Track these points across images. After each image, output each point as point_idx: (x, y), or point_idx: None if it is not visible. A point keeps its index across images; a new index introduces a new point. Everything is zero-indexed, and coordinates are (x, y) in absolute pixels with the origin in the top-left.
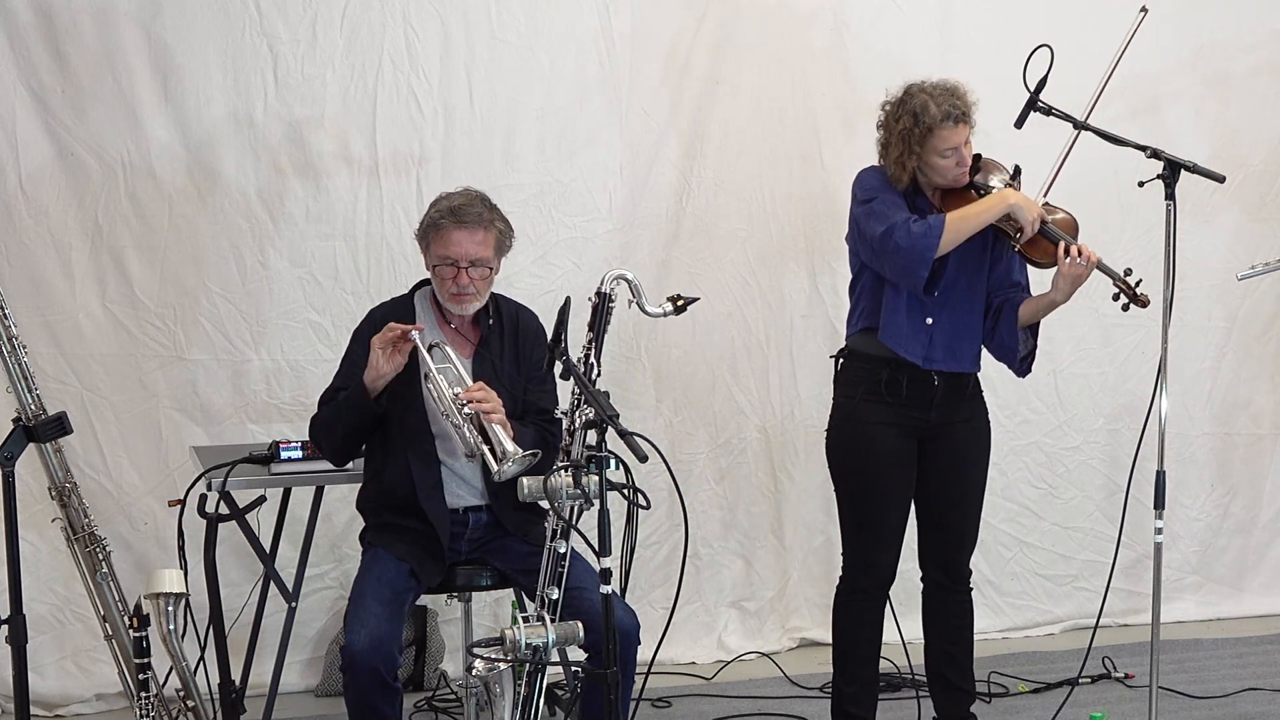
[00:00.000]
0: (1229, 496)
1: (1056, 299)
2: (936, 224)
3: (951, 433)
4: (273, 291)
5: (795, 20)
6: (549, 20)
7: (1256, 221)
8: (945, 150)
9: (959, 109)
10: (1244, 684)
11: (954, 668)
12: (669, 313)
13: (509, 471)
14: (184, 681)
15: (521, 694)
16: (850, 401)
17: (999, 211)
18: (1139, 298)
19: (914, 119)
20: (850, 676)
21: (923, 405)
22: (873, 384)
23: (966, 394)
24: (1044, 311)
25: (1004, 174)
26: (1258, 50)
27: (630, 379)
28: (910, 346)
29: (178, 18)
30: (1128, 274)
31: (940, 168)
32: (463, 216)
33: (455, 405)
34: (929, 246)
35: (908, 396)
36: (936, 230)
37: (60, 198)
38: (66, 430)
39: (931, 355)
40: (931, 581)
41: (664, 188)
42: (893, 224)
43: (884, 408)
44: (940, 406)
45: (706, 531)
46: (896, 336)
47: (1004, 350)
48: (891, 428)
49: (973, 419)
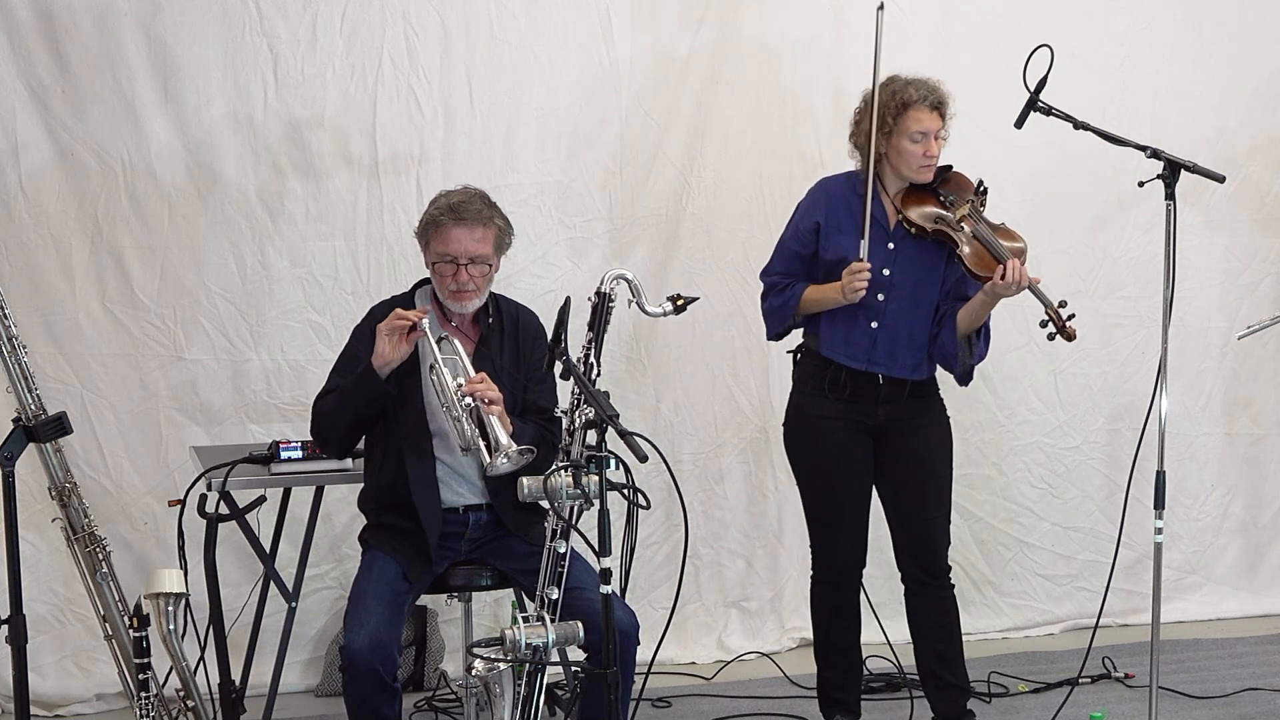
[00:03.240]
0: (1229, 496)
1: (978, 305)
2: (792, 302)
3: (904, 429)
4: (273, 291)
5: (795, 20)
6: (549, 20)
7: (1256, 222)
8: (915, 133)
9: (936, 96)
10: (1244, 684)
11: (945, 665)
12: (669, 313)
13: (502, 466)
14: (184, 681)
15: (521, 694)
16: (800, 396)
17: (834, 302)
18: (1066, 330)
19: (891, 95)
20: (830, 663)
21: (868, 403)
22: (819, 380)
23: (914, 395)
24: (973, 319)
25: (969, 190)
26: (1258, 50)
27: (630, 379)
28: (852, 352)
29: (178, 17)
30: (1062, 305)
31: (908, 154)
32: (462, 213)
33: (456, 397)
34: (780, 320)
35: (852, 394)
36: (790, 308)
37: (60, 198)
38: (66, 430)
39: (874, 358)
40: (911, 580)
41: (664, 188)
42: (771, 282)
43: (830, 403)
44: (886, 404)
45: (706, 531)
46: (834, 346)
47: (945, 357)
48: (838, 421)
49: (924, 417)
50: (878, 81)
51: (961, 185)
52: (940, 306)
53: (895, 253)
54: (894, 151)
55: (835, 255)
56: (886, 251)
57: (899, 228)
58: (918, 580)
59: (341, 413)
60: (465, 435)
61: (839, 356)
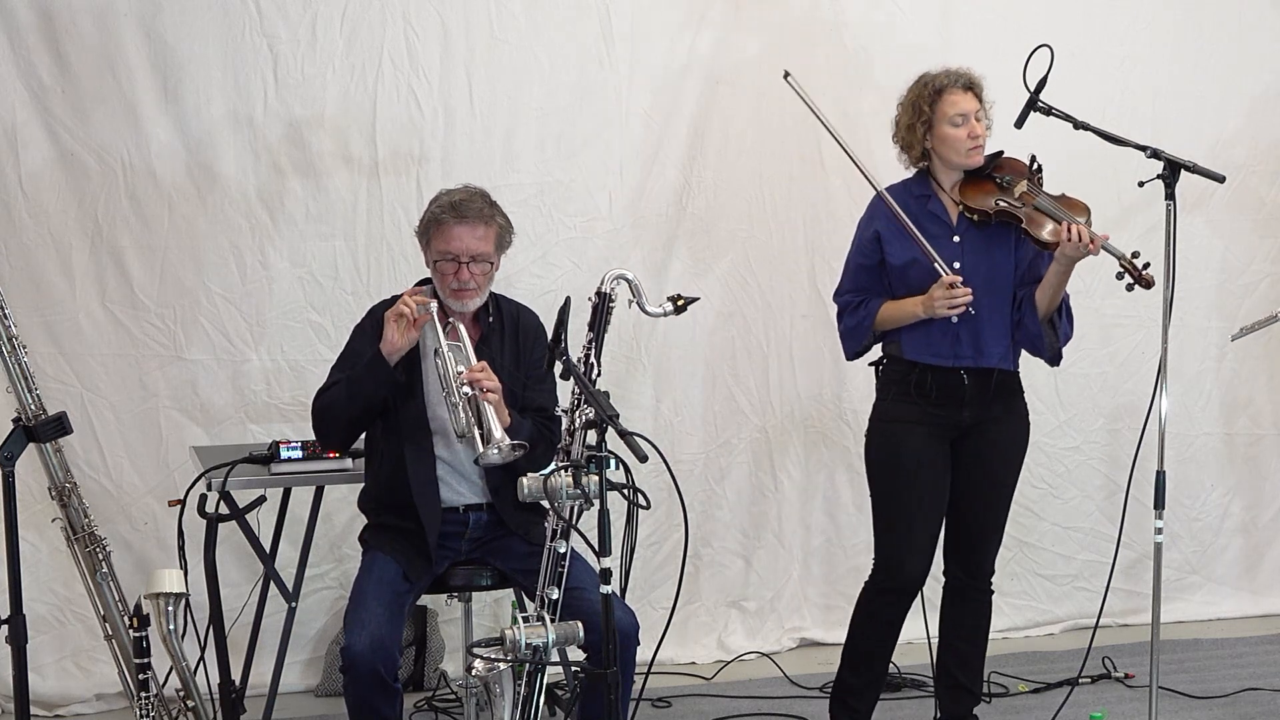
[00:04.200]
0: (1229, 496)
1: (1052, 275)
2: (866, 321)
3: (985, 431)
4: (273, 291)
5: (795, 20)
6: (549, 20)
7: (1257, 222)
8: (955, 116)
9: (968, 78)
10: (1244, 684)
11: (965, 669)
12: (669, 313)
13: (493, 457)
14: (184, 681)
15: (521, 694)
16: (883, 402)
17: (913, 316)
18: (1143, 278)
19: (923, 86)
20: (857, 670)
21: (953, 405)
22: (904, 385)
23: (1000, 390)
24: (1051, 292)
25: (1023, 169)
26: (1259, 50)
27: (630, 379)
28: (937, 350)
29: (178, 17)
30: (1135, 256)
31: (951, 139)
32: (464, 212)
33: (456, 384)
34: (857, 339)
35: (937, 397)
36: (866, 327)
37: (60, 198)
38: (66, 430)
39: (960, 353)
40: (953, 578)
41: (664, 188)
42: (844, 302)
43: (913, 407)
44: (972, 404)
45: (706, 531)
46: (917, 348)
47: (1030, 340)
48: (921, 427)
49: (1007, 416)
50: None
51: (1015, 167)
52: (1018, 292)
53: (962, 245)
54: (939, 142)
55: (902, 259)
56: (953, 245)
57: (962, 219)
58: (959, 581)
59: (347, 403)
60: (461, 423)
61: (924, 357)
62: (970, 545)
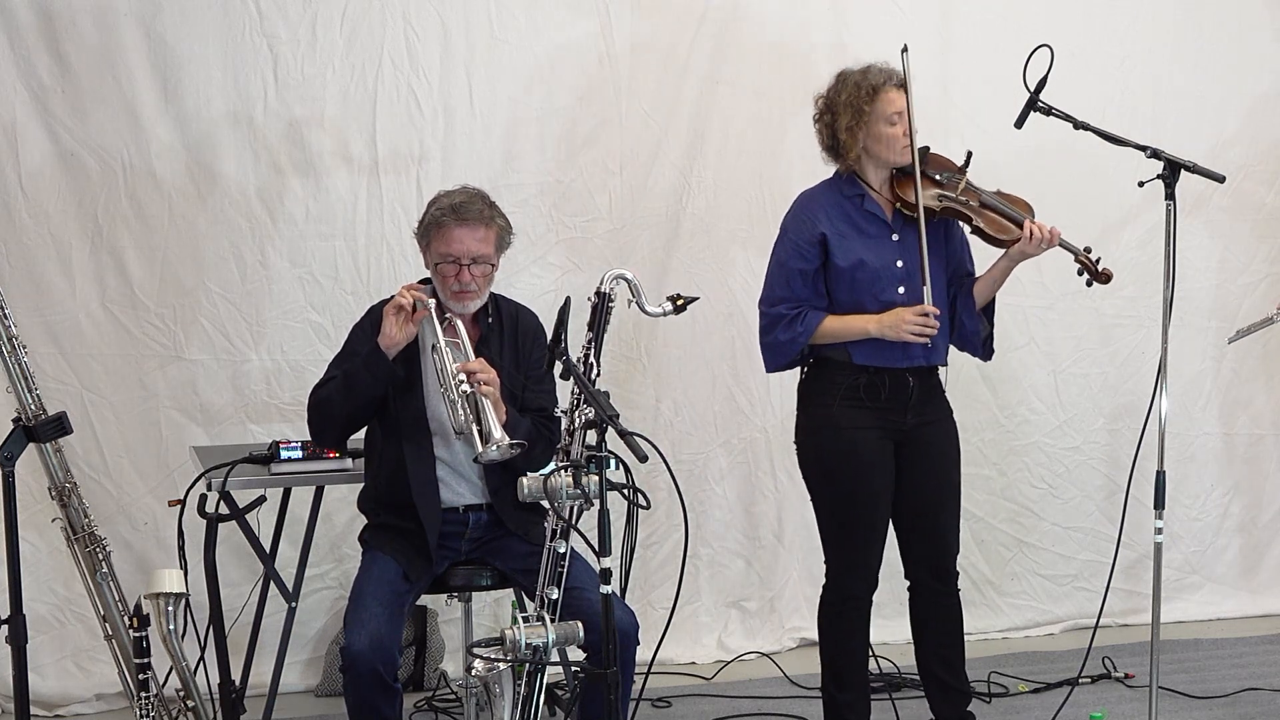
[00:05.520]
0: (1229, 496)
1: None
2: (803, 337)
3: (925, 434)
4: (273, 291)
5: (795, 20)
6: (549, 20)
7: (1256, 222)
8: (892, 115)
9: (899, 76)
10: (1244, 684)
11: (948, 668)
12: (669, 313)
13: (491, 455)
14: (184, 681)
15: (521, 694)
16: (826, 410)
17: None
18: (1100, 273)
19: (857, 86)
20: (844, 684)
21: (900, 408)
22: (851, 389)
23: (936, 392)
24: (995, 287)
25: (956, 165)
26: (1259, 50)
27: (630, 379)
28: (889, 354)
29: (178, 17)
30: (1088, 251)
31: (888, 137)
32: (464, 214)
33: (454, 380)
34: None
35: (887, 400)
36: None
37: (60, 198)
38: (66, 430)
39: (911, 353)
40: (920, 584)
41: (664, 188)
42: (776, 314)
43: (864, 412)
44: (916, 407)
45: (706, 531)
46: (868, 353)
47: (966, 336)
48: (873, 430)
49: (943, 419)
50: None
51: (944, 164)
52: (950, 288)
53: (901, 243)
54: (873, 140)
55: (849, 261)
56: (893, 244)
57: (898, 217)
58: (926, 584)
59: (344, 398)
60: (459, 419)
61: (876, 361)
62: (931, 550)
